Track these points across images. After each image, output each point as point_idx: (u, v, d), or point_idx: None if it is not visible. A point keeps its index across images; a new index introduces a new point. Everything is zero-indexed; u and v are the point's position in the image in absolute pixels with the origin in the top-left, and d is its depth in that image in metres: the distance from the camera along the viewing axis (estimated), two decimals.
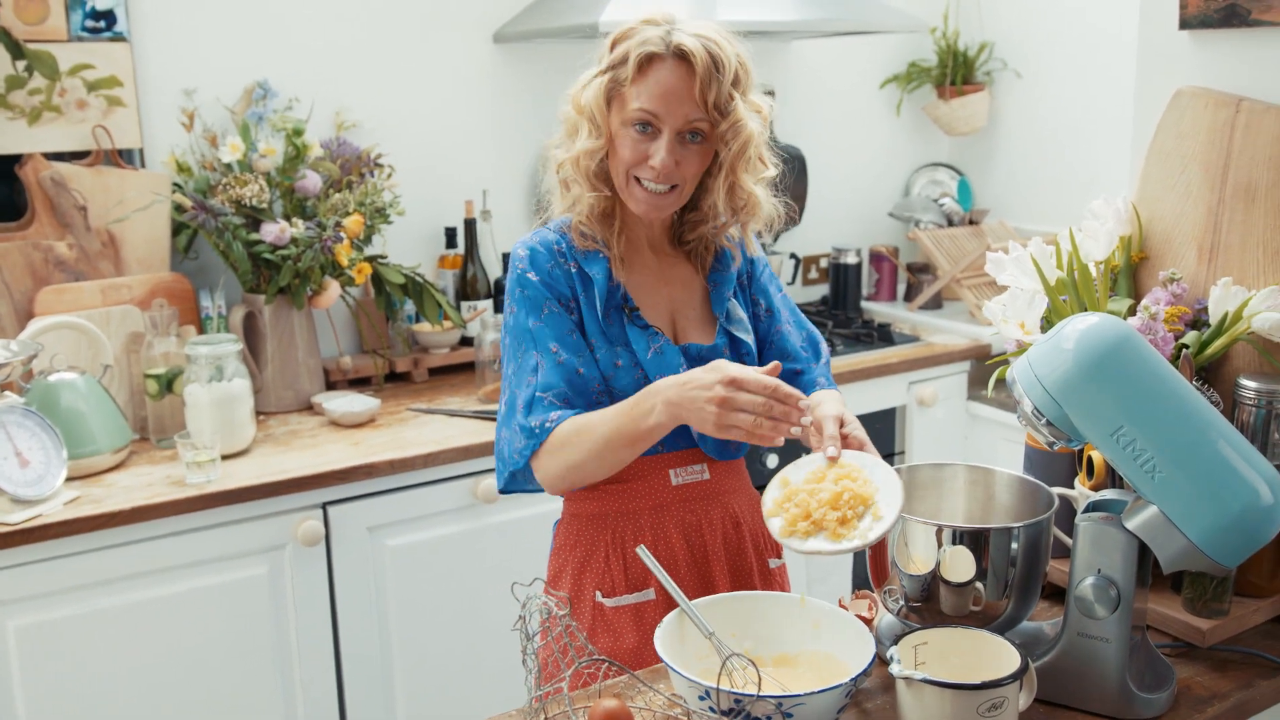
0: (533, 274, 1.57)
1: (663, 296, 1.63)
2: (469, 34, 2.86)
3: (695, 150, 1.52)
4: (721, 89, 1.48)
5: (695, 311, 1.65)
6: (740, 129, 1.51)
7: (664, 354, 1.57)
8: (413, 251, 2.84)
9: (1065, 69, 3.33)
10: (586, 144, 1.53)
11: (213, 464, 2.10)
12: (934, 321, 3.23)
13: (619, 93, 1.51)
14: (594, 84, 1.52)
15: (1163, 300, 1.54)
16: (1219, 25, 1.61)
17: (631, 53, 1.49)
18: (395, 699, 2.33)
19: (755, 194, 1.58)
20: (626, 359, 1.57)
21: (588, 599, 1.60)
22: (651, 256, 1.64)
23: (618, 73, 1.50)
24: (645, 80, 1.48)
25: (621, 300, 1.59)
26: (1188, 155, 1.61)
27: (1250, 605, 1.47)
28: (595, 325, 1.57)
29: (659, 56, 1.48)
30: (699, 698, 1.21)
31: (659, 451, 1.59)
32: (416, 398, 2.62)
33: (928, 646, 1.28)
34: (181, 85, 2.52)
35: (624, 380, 1.56)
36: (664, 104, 1.48)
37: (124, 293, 2.42)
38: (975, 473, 1.50)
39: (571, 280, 1.58)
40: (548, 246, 1.59)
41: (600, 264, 1.58)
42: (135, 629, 2.05)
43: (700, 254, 1.66)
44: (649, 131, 1.50)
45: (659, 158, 1.49)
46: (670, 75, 1.48)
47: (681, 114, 1.48)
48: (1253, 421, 1.44)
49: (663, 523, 1.60)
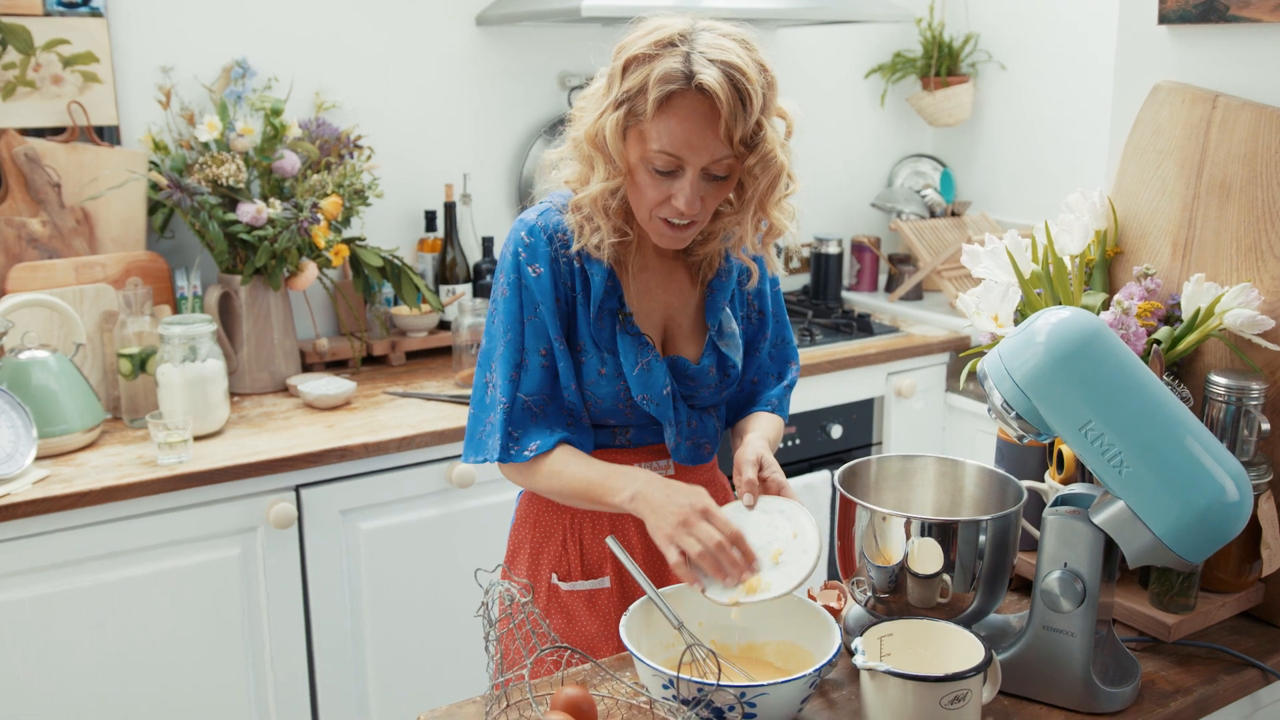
0: (534, 267, 1.50)
1: (659, 302, 1.58)
2: (451, 16, 2.83)
3: (720, 184, 1.44)
4: (748, 123, 1.38)
5: (688, 320, 1.60)
6: (770, 163, 1.42)
7: (651, 370, 1.53)
8: (392, 234, 2.82)
9: (1049, 62, 3.32)
10: (606, 184, 1.45)
11: (185, 445, 2.08)
12: (914, 313, 3.23)
13: (636, 126, 1.40)
14: (609, 119, 1.40)
15: (1136, 295, 1.54)
16: (1197, 20, 1.60)
17: (651, 89, 1.36)
18: (366, 683, 2.33)
19: (782, 225, 1.52)
20: (611, 367, 1.52)
21: (544, 580, 1.60)
22: (655, 259, 1.58)
23: (635, 104, 1.39)
24: (666, 119, 1.37)
25: (617, 304, 1.53)
26: (1164, 150, 1.61)
27: (1216, 601, 1.48)
28: (587, 327, 1.52)
29: (678, 93, 1.36)
30: (662, 686, 1.21)
31: (625, 447, 1.58)
32: (393, 381, 2.60)
33: (893, 638, 1.28)
34: (159, 62, 2.50)
35: (605, 389, 1.52)
36: (687, 146, 1.38)
37: (98, 271, 2.40)
38: (945, 465, 1.50)
39: (572, 274, 1.51)
40: (551, 233, 1.51)
41: (597, 265, 1.51)
42: (104, 610, 2.04)
43: (705, 264, 1.60)
44: (672, 171, 1.41)
45: (682, 199, 1.41)
46: (694, 112, 1.36)
47: (706, 154, 1.39)
48: (1222, 418, 1.44)
49: (622, 516, 1.57)
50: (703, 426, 1.61)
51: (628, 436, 1.59)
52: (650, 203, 1.44)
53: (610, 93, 1.41)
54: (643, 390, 1.52)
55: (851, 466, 1.47)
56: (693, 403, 1.60)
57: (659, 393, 1.53)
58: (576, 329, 1.52)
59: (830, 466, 2.90)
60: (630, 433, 1.59)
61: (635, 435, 1.59)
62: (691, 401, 1.60)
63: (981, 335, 1.61)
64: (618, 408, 1.54)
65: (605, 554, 1.60)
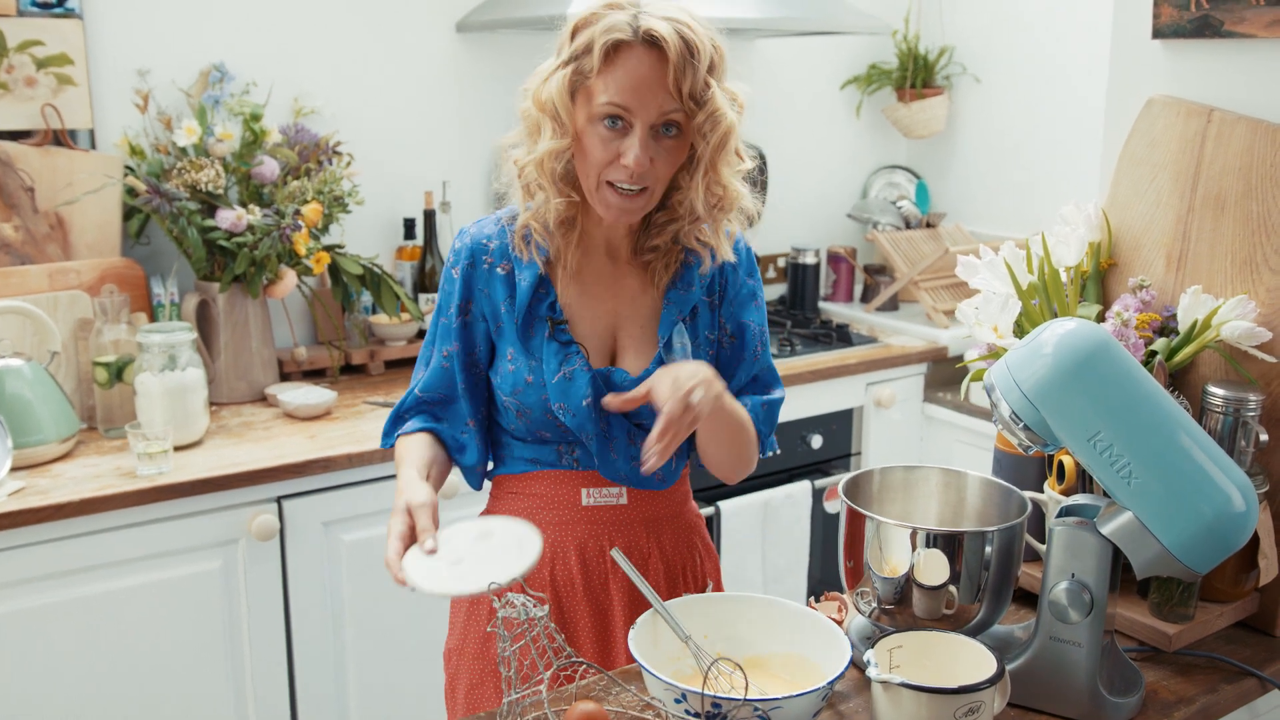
0: (454, 270, 1.53)
1: (606, 309, 1.52)
2: (432, 22, 2.81)
3: (670, 145, 1.40)
4: (697, 76, 1.36)
5: (640, 329, 1.53)
6: (719, 119, 1.39)
7: (572, 380, 1.47)
8: (370, 242, 2.79)
9: (1023, 75, 3.36)
10: (551, 144, 1.40)
11: (165, 455, 2.04)
12: (891, 323, 3.25)
13: (584, 86, 1.38)
14: (555, 77, 1.39)
15: (1132, 307, 1.55)
16: (1192, 35, 1.62)
17: (596, 41, 1.36)
18: (348, 698, 2.29)
19: (734, 188, 1.46)
20: (537, 376, 1.48)
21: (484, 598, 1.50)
22: (606, 263, 1.53)
23: (582, 63, 1.38)
24: (613, 71, 1.36)
25: (548, 311, 1.49)
26: (1158, 163, 1.62)
27: (1214, 610, 1.49)
28: (514, 335, 1.50)
29: (627, 44, 1.35)
30: (674, 700, 1.20)
31: (573, 469, 1.53)
32: (373, 390, 2.57)
33: (902, 650, 1.27)
34: (135, 65, 2.46)
35: (531, 397, 1.48)
36: (635, 96, 1.36)
37: (72, 277, 2.35)
38: (948, 475, 1.50)
39: (492, 283, 1.51)
40: (477, 242, 1.52)
41: (531, 270, 1.48)
42: (83, 625, 1.99)
43: (658, 268, 1.53)
44: (619, 127, 1.38)
45: (632, 155, 1.37)
46: (640, 64, 1.35)
47: (655, 105, 1.36)
48: (1220, 429, 1.45)
49: (563, 542, 1.53)
50: None
51: (574, 456, 1.52)
52: (598, 164, 1.39)
53: (559, 56, 1.41)
54: (559, 399, 1.47)
55: (855, 477, 1.47)
56: (634, 419, 1.51)
57: (577, 403, 1.46)
58: (504, 339, 1.51)
59: (811, 477, 2.91)
60: (577, 452, 1.52)
61: (582, 456, 1.52)
62: (634, 418, 1.51)
63: (978, 345, 1.61)
64: (547, 419, 1.49)
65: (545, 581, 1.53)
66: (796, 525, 2.85)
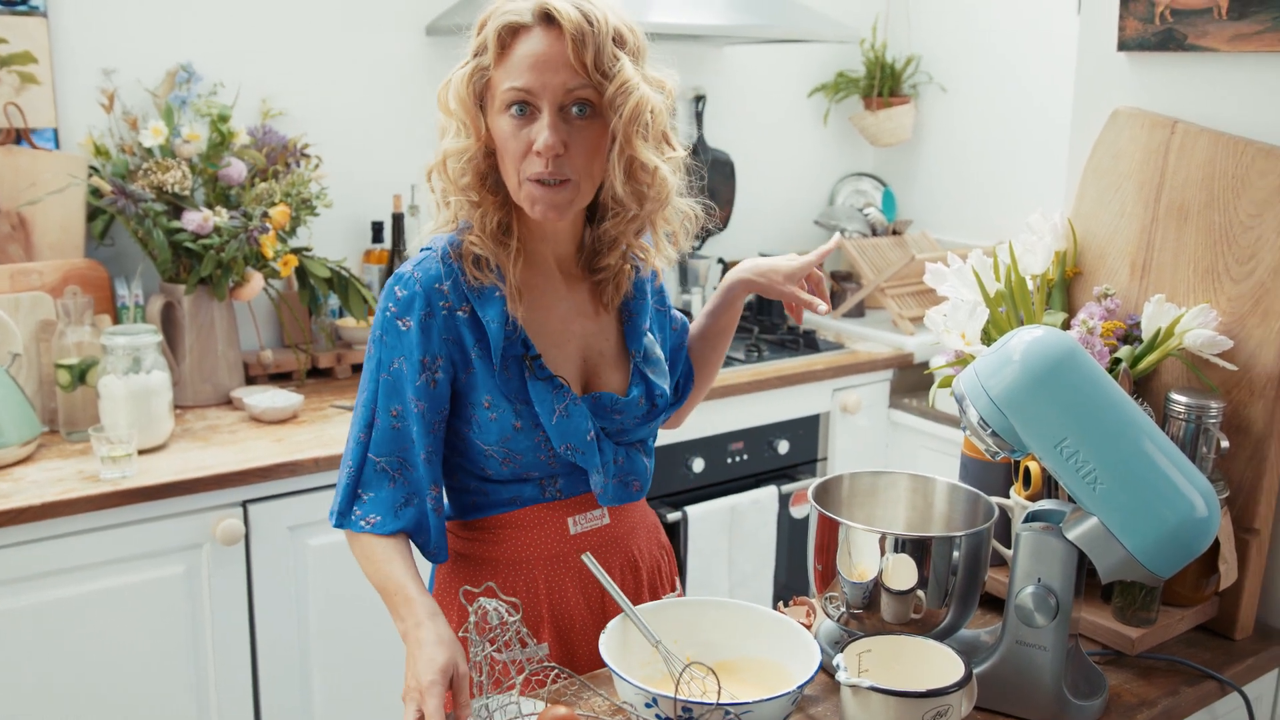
0: (404, 321, 1.36)
1: (572, 333, 1.46)
2: (401, 25, 2.80)
3: (583, 127, 1.32)
4: (602, 49, 1.29)
5: (610, 346, 1.49)
6: (630, 89, 1.30)
7: (571, 416, 1.40)
8: (338, 245, 2.78)
9: (988, 86, 3.40)
10: (453, 144, 1.34)
11: (129, 459, 2.02)
12: (857, 329, 3.27)
13: (487, 79, 1.32)
14: (456, 76, 1.34)
15: (1097, 315, 1.57)
16: (1156, 49, 1.65)
17: (490, 30, 1.31)
18: (313, 704, 2.27)
19: (662, 173, 1.36)
20: (527, 419, 1.39)
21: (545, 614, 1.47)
22: (560, 281, 1.46)
23: (481, 59, 1.32)
24: (511, 56, 1.30)
25: (522, 348, 1.40)
26: (1123, 174, 1.65)
27: (1176, 614, 1.51)
28: (491, 381, 1.38)
29: (524, 26, 1.30)
30: (645, 705, 1.20)
31: (557, 499, 1.46)
32: (339, 394, 2.56)
33: (871, 654, 1.28)
34: (101, 64, 2.43)
35: (524, 443, 1.40)
36: (536, 75, 1.29)
37: (34, 279, 2.32)
38: (916, 481, 1.52)
39: (456, 330, 1.38)
40: (429, 288, 1.37)
41: (496, 306, 1.37)
42: (45, 630, 1.96)
43: (609, 288, 1.49)
44: (527, 113, 1.30)
45: (542, 139, 1.29)
46: (539, 43, 1.29)
47: (558, 83, 1.29)
48: (1182, 435, 1.48)
49: (558, 574, 1.47)
50: (630, 464, 1.49)
51: (557, 487, 1.46)
52: (515, 157, 1.32)
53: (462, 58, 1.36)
54: (564, 440, 1.40)
55: (824, 482, 1.48)
56: (620, 439, 1.49)
57: (582, 439, 1.42)
58: (477, 386, 1.39)
59: (777, 482, 2.92)
60: (559, 483, 1.46)
61: (565, 485, 1.46)
62: (619, 438, 1.48)
63: (945, 352, 1.63)
64: (539, 460, 1.42)
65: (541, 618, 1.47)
66: (763, 530, 2.86)
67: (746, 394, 2.80)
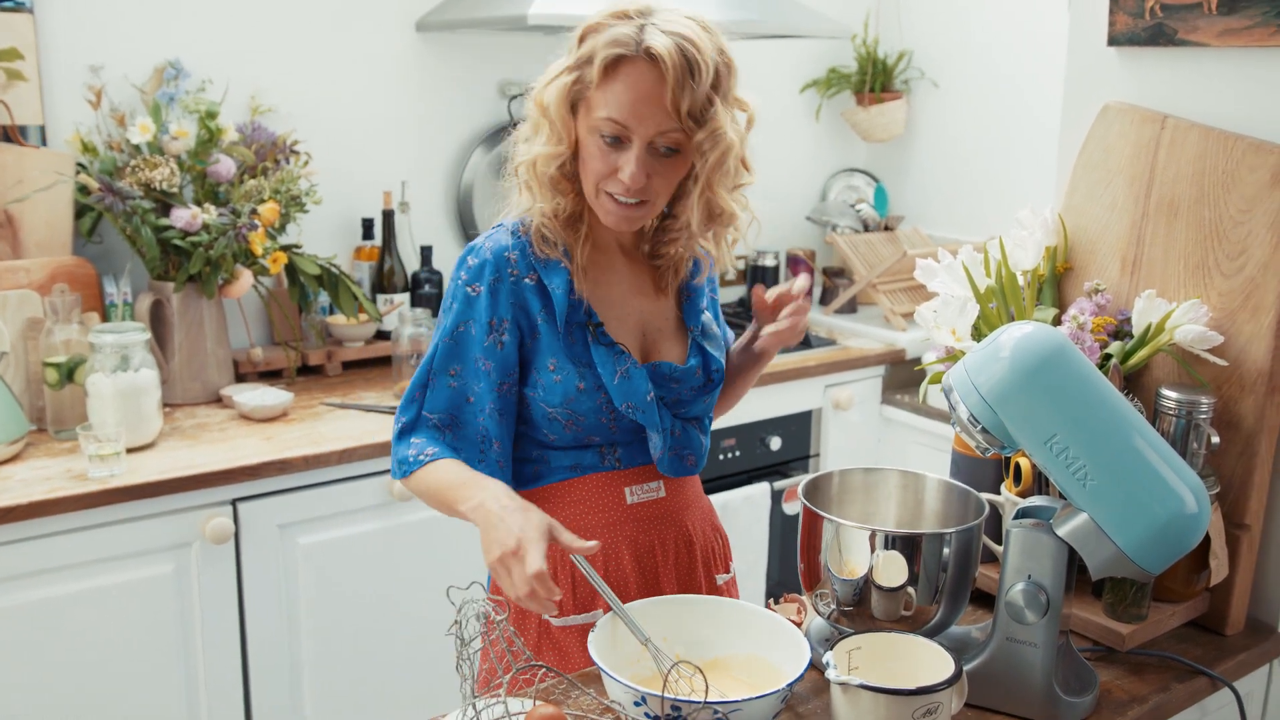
0: (473, 287, 1.45)
1: (632, 308, 1.53)
2: (391, 20, 2.79)
3: (668, 163, 1.40)
4: (696, 95, 1.35)
5: (668, 324, 1.56)
6: (719, 139, 1.40)
7: (631, 378, 1.47)
8: (328, 242, 2.77)
9: (979, 81, 3.39)
10: (545, 149, 1.41)
11: (117, 458, 2.01)
12: (850, 325, 3.26)
13: (585, 97, 1.38)
14: (556, 84, 1.38)
15: (1088, 310, 1.56)
16: (1146, 43, 1.64)
17: (598, 54, 1.35)
18: (303, 703, 2.27)
19: (731, 210, 1.48)
20: (589, 381, 1.46)
21: (534, 616, 1.51)
22: (623, 261, 1.54)
23: (583, 73, 1.37)
24: (612, 85, 1.35)
25: (585, 316, 1.47)
26: (1113, 169, 1.64)
27: (1166, 610, 1.51)
28: (557, 344, 1.46)
29: (628, 59, 1.34)
30: (634, 703, 1.19)
31: (616, 469, 1.53)
32: (330, 392, 2.55)
33: (861, 651, 1.28)
34: (88, 61, 2.42)
35: (587, 404, 1.47)
36: (633, 113, 1.35)
37: (22, 276, 2.31)
38: (906, 478, 1.51)
39: (522, 296, 1.45)
40: (499, 256, 1.45)
41: (561, 275, 1.45)
42: (33, 630, 1.95)
43: (668, 271, 1.56)
44: (618, 143, 1.38)
45: (628, 171, 1.37)
46: (640, 81, 1.34)
47: (653, 124, 1.35)
48: (1173, 431, 1.47)
49: (615, 542, 1.52)
50: (687, 437, 1.56)
51: (616, 456, 1.53)
52: (597, 174, 1.40)
53: (565, 60, 1.40)
54: (626, 399, 1.47)
55: (814, 479, 1.47)
56: (677, 411, 1.55)
57: (643, 399, 1.48)
58: (542, 350, 1.46)
59: (769, 478, 2.92)
60: (619, 451, 1.53)
61: (624, 455, 1.53)
62: (676, 410, 1.55)
63: (936, 348, 1.63)
64: (601, 422, 1.49)
65: None
66: (755, 526, 2.86)
67: None
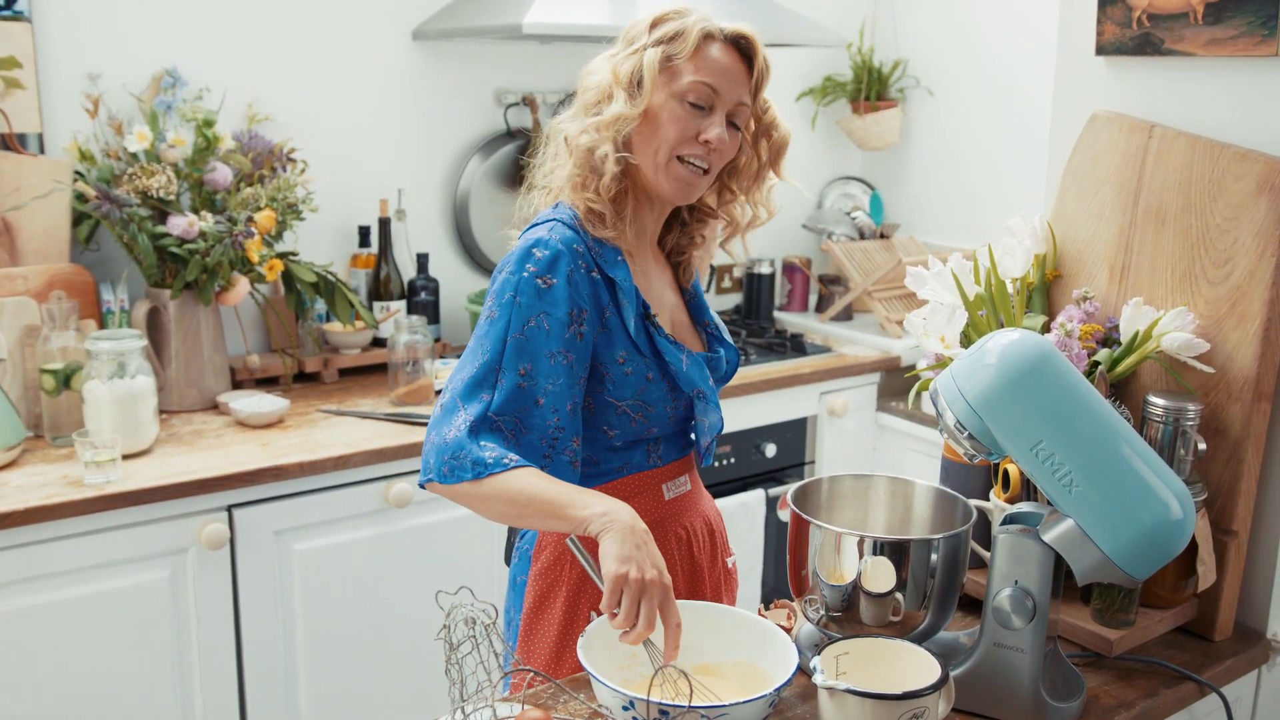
0: (545, 279, 1.41)
1: (667, 301, 1.61)
2: (387, 29, 2.81)
3: (733, 137, 1.50)
4: (763, 85, 1.52)
5: (685, 318, 1.65)
6: (779, 125, 1.56)
7: (693, 363, 1.54)
8: (325, 249, 2.78)
9: (974, 89, 3.40)
10: (623, 109, 1.45)
11: (113, 464, 2.02)
12: (845, 333, 3.27)
13: (670, 67, 1.46)
14: (648, 54, 1.45)
15: (1076, 318, 1.57)
16: (1133, 53, 1.65)
17: (691, 29, 1.46)
18: (299, 708, 2.27)
19: (770, 207, 1.63)
20: (657, 371, 1.50)
21: (582, 619, 1.51)
22: (653, 256, 1.61)
23: (672, 47, 1.46)
24: (703, 57, 1.46)
25: (643, 307, 1.51)
26: (1101, 177, 1.65)
27: (1154, 616, 1.52)
28: (624, 337, 1.47)
29: (714, 38, 1.47)
30: (622, 708, 1.20)
31: (656, 466, 1.56)
32: (326, 399, 2.56)
33: (849, 656, 1.29)
34: (86, 69, 2.43)
35: (655, 393, 1.50)
36: (725, 80, 1.46)
37: (19, 284, 2.32)
38: (895, 484, 1.52)
39: (595, 287, 1.45)
40: (569, 246, 1.43)
41: (621, 267, 1.48)
42: (28, 636, 1.96)
43: (686, 267, 1.67)
44: (700, 110, 1.47)
45: (714, 132, 1.46)
46: (727, 57, 1.47)
47: (735, 95, 1.48)
48: (1160, 438, 1.48)
49: (663, 538, 1.55)
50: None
51: (659, 454, 1.57)
52: (674, 140, 1.46)
53: (636, 43, 1.48)
54: (696, 384, 1.53)
55: (804, 486, 1.48)
56: None
57: (706, 383, 1.55)
58: (613, 343, 1.47)
59: (764, 485, 2.93)
60: (661, 448, 1.57)
61: (664, 451, 1.57)
62: None
63: (926, 355, 1.64)
64: (666, 411, 1.52)
65: None
66: (751, 533, 2.87)
67: (733, 397, 2.80)
